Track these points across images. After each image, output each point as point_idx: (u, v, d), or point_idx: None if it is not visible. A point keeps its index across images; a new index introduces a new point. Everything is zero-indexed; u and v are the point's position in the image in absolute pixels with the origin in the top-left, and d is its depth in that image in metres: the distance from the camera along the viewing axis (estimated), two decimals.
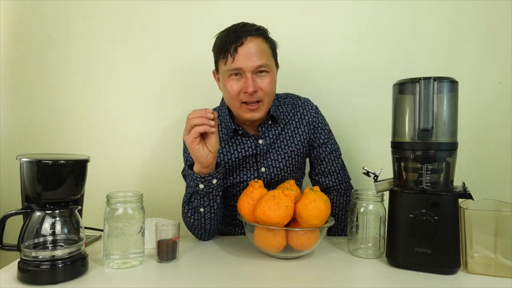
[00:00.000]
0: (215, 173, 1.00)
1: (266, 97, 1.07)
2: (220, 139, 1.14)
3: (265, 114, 1.11)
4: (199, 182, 1.00)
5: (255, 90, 1.03)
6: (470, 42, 1.38)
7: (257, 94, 1.05)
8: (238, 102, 1.06)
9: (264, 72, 1.05)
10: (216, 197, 1.03)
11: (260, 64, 1.03)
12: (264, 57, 1.04)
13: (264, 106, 1.08)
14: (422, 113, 0.85)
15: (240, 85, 1.04)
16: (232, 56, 1.02)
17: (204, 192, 1.01)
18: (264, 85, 1.05)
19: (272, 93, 1.09)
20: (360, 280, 0.85)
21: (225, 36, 1.05)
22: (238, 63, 1.02)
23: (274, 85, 1.09)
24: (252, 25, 1.07)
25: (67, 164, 0.83)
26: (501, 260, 0.85)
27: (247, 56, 1.02)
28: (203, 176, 0.99)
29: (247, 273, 0.86)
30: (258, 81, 1.05)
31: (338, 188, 1.20)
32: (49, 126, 1.54)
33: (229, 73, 1.05)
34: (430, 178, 0.86)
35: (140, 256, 0.90)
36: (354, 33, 1.43)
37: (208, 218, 1.05)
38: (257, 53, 1.03)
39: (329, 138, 1.20)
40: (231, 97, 1.06)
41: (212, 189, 1.01)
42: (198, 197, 1.02)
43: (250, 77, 1.03)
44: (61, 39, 1.52)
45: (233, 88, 1.05)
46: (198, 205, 1.03)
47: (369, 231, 0.96)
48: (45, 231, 0.81)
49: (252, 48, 1.03)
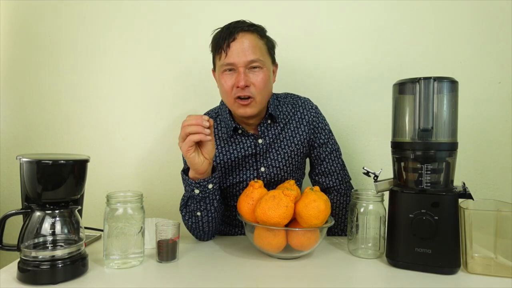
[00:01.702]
0: (210, 178, 0.99)
1: (259, 94, 1.05)
2: (220, 138, 1.14)
3: (260, 111, 1.10)
4: (194, 188, 0.99)
5: (246, 84, 1.03)
6: (470, 42, 1.38)
7: (249, 89, 1.04)
8: (231, 98, 1.06)
9: (257, 68, 1.05)
10: (213, 201, 1.02)
11: (253, 58, 1.03)
12: (257, 52, 1.04)
13: (256, 103, 1.06)
14: (422, 113, 0.85)
15: (233, 80, 1.04)
16: (225, 52, 1.03)
17: (200, 197, 1.00)
18: (257, 81, 1.04)
19: (265, 89, 1.07)
20: (360, 280, 0.85)
21: (220, 32, 1.07)
22: (230, 58, 1.03)
23: (268, 81, 1.08)
24: (246, 22, 1.07)
25: (67, 164, 0.83)
26: (501, 260, 0.85)
27: (239, 51, 1.02)
28: (198, 181, 0.99)
29: (247, 273, 0.86)
30: (251, 76, 1.04)
31: (339, 188, 1.19)
32: (49, 126, 1.54)
33: (223, 68, 1.05)
34: (430, 178, 0.86)
35: (140, 256, 0.90)
36: (354, 33, 1.43)
37: (206, 221, 1.04)
38: (250, 48, 1.03)
39: (330, 138, 1.20)
40: (225, 92, 1.07)
41: (208, 193, 1.00)
42: (194, 201, 1.01)
43: (242, 72, 1.03)
44: (61, 39, 1.52)
45: (227, 83, 1.05)
46: (195, 209, 1.03)
47: (369, 231, 0.96)
48: (45, 231, 0.81)
49: (245, 43, 1.03)
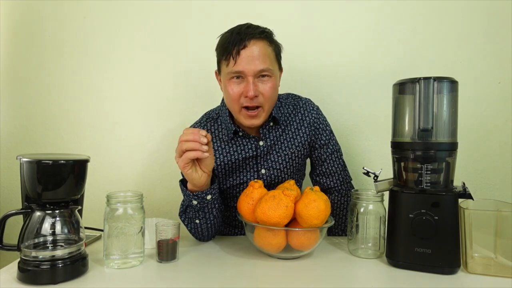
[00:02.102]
0: (209, 189, 0.98)
1: (267, 103, 1.05)
2: (221, 140, 1.14)
3: (265, 120, 1.09)
4: (192, 199, 0.98)
5: (255, 94, 1.01)
6: (470, 42, 1.38)
7: (257, 99, 1.03)
8: (238, 106, 1.05)
9: (266, 76, 1.03)
10: (211, 209, 1.01)
11: (263, 68, 1.01)
12: (267, 61, 1.02)
13: (264, 112, 1.06)
14: (422, 113, 0.85)
15: (241, 88, 1.02)
16: (234, 59, 1.00)
17: (198, 207, 0.99)
18: (266, 90, 1.03)
19: (273, 98, 1.07)
20: (360, 280, 0.84)
21: (229, 37, 1.02)
22: (240, 66, 1.00)
23: (275, 90, 1.07)
24: (256, 27, 1.04)
25: (67, 164, 0.83)
26: (501, 260, 0.85)
27: (249, 60, 1.00)
28: (196, 194, 0.97)
29: (247, 273, 0.86)
30: (260, 85, 1.03)
31: (339, 188, 1.19)
32: (49, 126, 1.54)
33: (231, 75, 1.03)
34: (430, 178, 0.86)
35: (140, 256, 0.90)
36: (354, 33, 1.42)
37: (205, 227, 1.04)
38: (260, 56, 1.01)
39: (331, 139, 1.19)
40: (232, 100, 1.05)
41: (207, 204, 0.99)
42: (192, 210, 1.01)
43: (252, 81, 1.00)
44: (61, 39, 1.52)
45: (234, 91, 1.03)
46: (193, 217, 1.02)
47: (369, 231, 0.96)
48: (45, 231, 0.81)
49: (255, 51, 1.00)
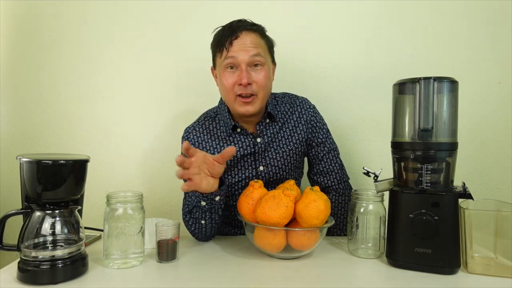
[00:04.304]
0: (218, 191, 0.98)
1: (261, 91, 1.07)
2: (219, 137, 1.14)
3: (260, 109, 1.10)
4: (201, 200, 0.99)
5: (249, 82, 1.04)
6: (470, 42, 1.38)
7: (251, 87, 1.05)
8: (233, 95, 1.07)
9: (259, 65, 1.06)
10: (218, 210, 1.02)
11: (255, 53, 1.04)
12: (259, 49, 1.06)
13: (258, 100, 1.07)
14: (422, 113, 0.85)
15: (235, 77, 1.05)
16: (227, 49, 1.04)
17: (206, 208, 1.00)
18: (259, 79, 1.05)
19: (267, 87, 1.08)
20: (360, 280, 0.84)
21: (222, 31, 1.08)
22: (232, 53, 1.04)
23: (269, 80, 1.09)
24: (248, 21, 1.09)
25: (67, 164, 0.83)
26: (501, 260, 0.85)
27: (241, 48, 1.03)
28: (205, 195, 0.97)
29: (247, 273, 0.86)
30: (253, 74, 1.05)
31: (337, 187, 1.19)
32: (49, 126, 1.54)
33: (225, 66, 1.06)
34: (430, 178, 0.86)
35: (140, 256, 0.90)
36: (354, 33, 1.43)
37: (210, 228, 1.05)
38: (252, 45, 1.04)
39: (327, 137, 1.20)
40: (226, 90, 1.07)
41: (214, 204, 1.00)
42: (200, 211, 1.02)
43: (245, 69, 1.04)
44: (61, 39, 1.52)
45: (228, 81, 1.06)
46: (200, 218, 1.03)
47: (369, 231, 0.96)
48: (45, 231, 0.81)
49: (247, 40, 1.04)
